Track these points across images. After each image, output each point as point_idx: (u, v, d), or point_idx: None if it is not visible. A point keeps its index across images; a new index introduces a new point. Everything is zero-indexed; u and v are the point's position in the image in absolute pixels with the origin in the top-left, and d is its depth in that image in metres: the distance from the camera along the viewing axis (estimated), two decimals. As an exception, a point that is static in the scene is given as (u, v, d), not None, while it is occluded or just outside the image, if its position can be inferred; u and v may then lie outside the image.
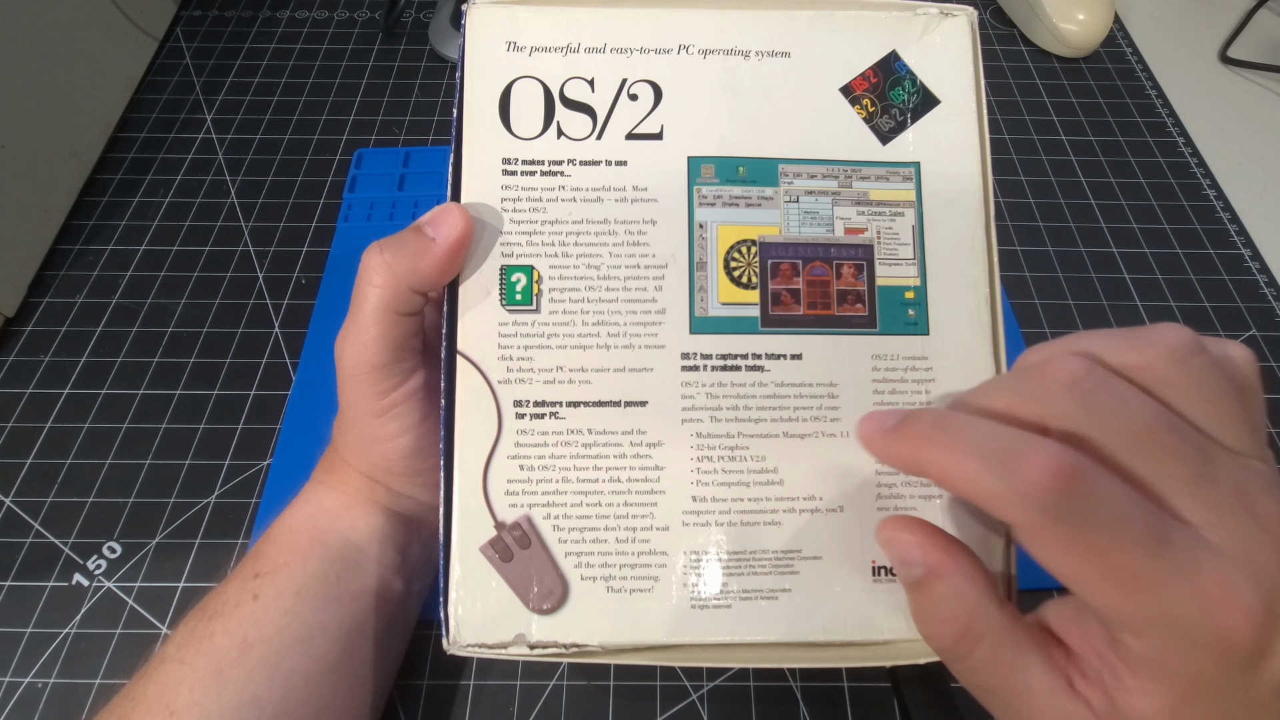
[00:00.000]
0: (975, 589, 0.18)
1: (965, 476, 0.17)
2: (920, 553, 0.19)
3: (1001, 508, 0.16)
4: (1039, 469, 0.15)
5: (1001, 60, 0.54)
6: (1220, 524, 0.16)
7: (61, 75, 0.44)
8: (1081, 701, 0.17)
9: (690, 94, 0.25)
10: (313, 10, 0.56)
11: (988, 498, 0.16)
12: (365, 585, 0.26)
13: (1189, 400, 0.17)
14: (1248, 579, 0.15)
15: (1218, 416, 0.17)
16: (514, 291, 0.24)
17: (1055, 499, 0.15)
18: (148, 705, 0.23)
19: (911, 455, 0.18)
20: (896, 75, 0.25)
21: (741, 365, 0.24)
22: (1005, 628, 0.18)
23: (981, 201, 0.25)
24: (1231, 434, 0.17)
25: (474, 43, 0.25)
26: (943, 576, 0.18)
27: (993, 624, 0.18)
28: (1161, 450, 0.16)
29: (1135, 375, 0.17)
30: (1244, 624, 0.15)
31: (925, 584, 0.19)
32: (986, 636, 0.18)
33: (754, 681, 0.31)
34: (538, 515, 0.23)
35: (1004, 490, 0.16)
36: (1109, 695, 0.16)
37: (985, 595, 0.18)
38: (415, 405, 0.25)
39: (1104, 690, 0.16)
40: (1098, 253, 0.44)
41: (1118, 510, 0.15)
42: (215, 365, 0.39)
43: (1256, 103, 0.52)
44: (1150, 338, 0.17)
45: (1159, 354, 0.17)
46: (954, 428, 0.17)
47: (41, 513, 0.35)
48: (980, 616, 0.18)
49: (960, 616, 0.18)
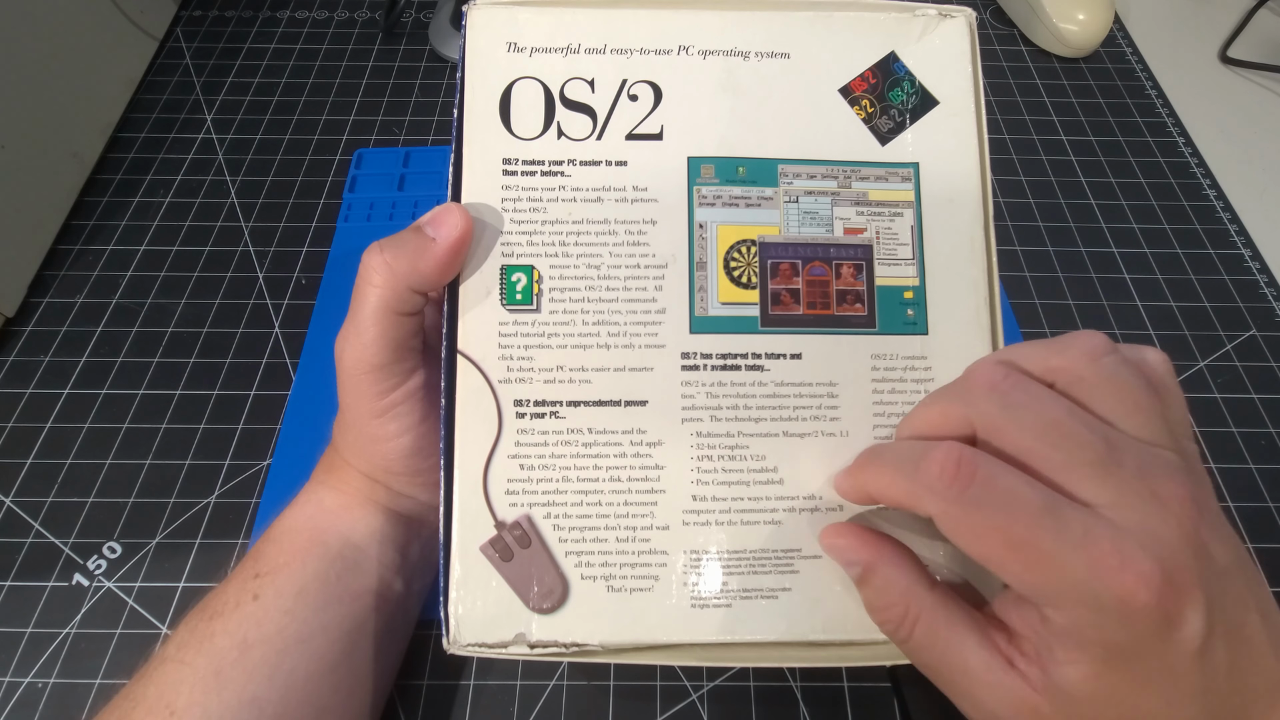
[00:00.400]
0: (904, 575, 0.20)
1: (890, 485, 0.20)
2: (854, 553, 0.21)
3: (919, 504, 0.19)
4: (937, 464, 0.18)
5: (1001, 60, 0.54)
6: (1121, 503, 0.17)
7: (61, 75, 0.44)
8: (1018, 675, 0.18)
9: (690, 94, 0.25)
10: (313, 10, 0.56)
11: (908, 498, 0.19)
12: (365, 585, 0.26)
13: (1100, 395, 0.19)
14: (1145, 549, 0.16)
15: (1126, 409, 0.19)
16: (514, 291, 0.24)
17: (954, 487, 0.18)
18: (148, 705, 0.23)
19: (856, 483, 0.22)
20: (895, 76, 0.25)
21: (741, 365, 0.24)
22: (938, 606, 0.20)
23: (980, 201, 0.25)
24: (1140, 425, 0.18)
25: (474, 43, 0.25)
26: (876, 569, 0.21)
27: (925, 604, 0.20)
28: (1068, 439, 0.18)
29: (1054, 377, 0.19)
30: (1143, 589, 0.16)
31: (865, 578, 0.21)
32: (922, 616, 0.20)
33: (754, 681, 0.31)
34: (538, 514, 0.23)
35: (915, 488, 0.19)
36: (1043, 668, 0.18)
37: (915, 580, 0.20)
38: (415, 405, 0.25)
39: (1039, 664, 0.18)
40: (1098, 253, 0.44)
41: (1012, 492, 0.17)
42: (215, 365, 0.39)
43: (1256, 103, 0.52)
44: (1067, 342, 0.20)
45: (1074, 356, 0.19)
46: (878, 451, 0.21)
47: (41, 513, 0.35)
48: (913, 599, 0.20)
49: (897, 602, 0.20)
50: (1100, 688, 0.17)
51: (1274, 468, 0.37)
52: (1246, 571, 0.18)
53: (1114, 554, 0.16)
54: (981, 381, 0.19)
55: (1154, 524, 0.17)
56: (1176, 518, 0.17)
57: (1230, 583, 0.18)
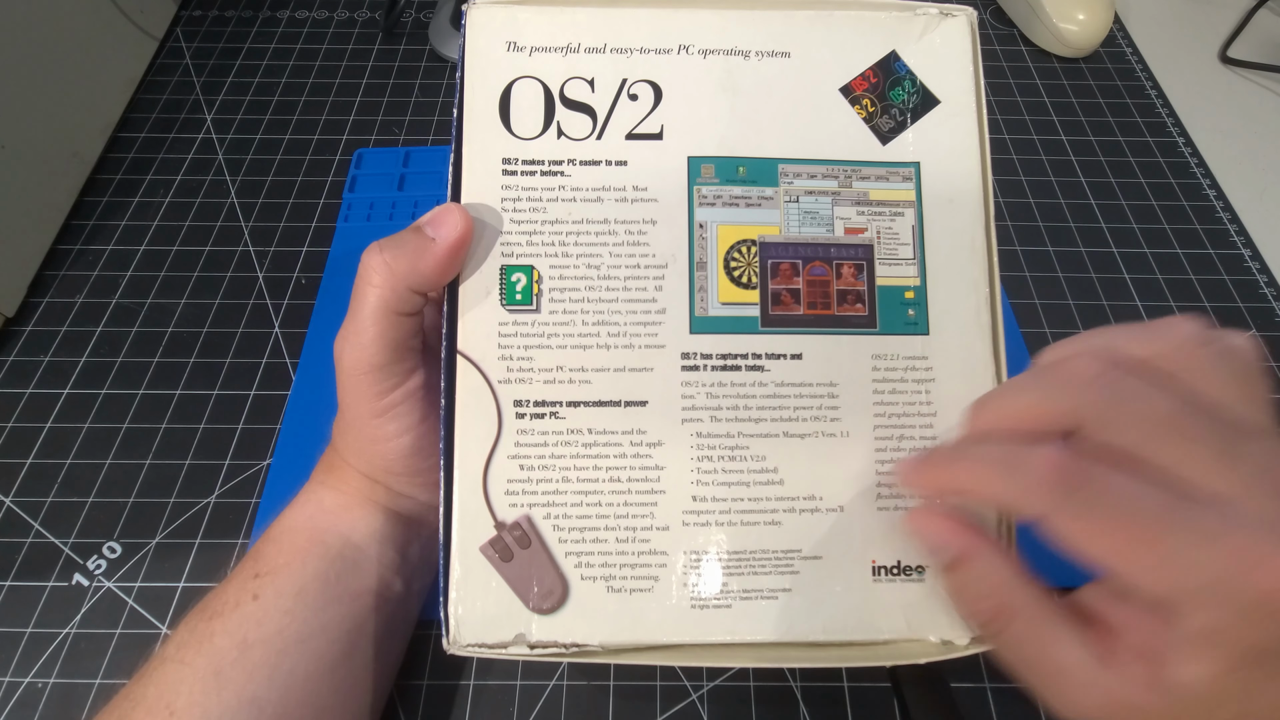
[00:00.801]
0: (1007, 566, 0.19)
1: (986, 484, 0.19)
2: (952, 537, 0.20)
3: (1023, 505, 0.18)
4: (1043, 463, 0.17)
5: (1001, 60, 0.54)
6: (1249, 497, 0.16)
7: (61, 75, 0.44)
8: (1117, 673, 0.17)
9: (690, 94, 0.25)
10: (313, 10, 0.56)
11: (1008, 498, 0.18)
12: (365, 585, 0.26)
13: (1209, 385, 0.18)
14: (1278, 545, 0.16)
15: (1236, 399, 0.18)
16: (514, 291, 0.24)
17: (1062, 486, 0.17)
18: (148, 705, 0.23)
19: (937, 479, 0.21)
20: (896, 75, 0.25)
21: (741, 365, 0.24)
22: (1038, 602, 0.19)
23: (981, 201, 0.25)
24: (1250, 414, 0.18)
25: (474, 43, 0.25)
26: (975, 558, 0.20)
27: (1026, 599, 0.19)
28: (1184, 435, 0.17)
29: (1154, 366, 0.18)
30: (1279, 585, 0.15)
31: (959, 566, 0.20)
32: (1022, 611, 0.19)
33: (754, 681, 0.31)
34: (538, 515, 0.23)
35: (1019, 488, 0.18)
36: (1152, 667, 0.17)
37: (1015, 574, 0.19)
38: (415, 405, 0.25)
39: (1146, 662, 0.17)
40: (1098, 253, 0.44)
41: (1131, 490, 0.17)
42: (215, 365, 0.39)
43: (1256, 103, 0.52)
44: (1163, 331, 0.19)
45: (1173, 345, 0.18)
46: (969, 449, 0.20)
47: (41, 513, 0.35)
48: (1013, 591, 0.19)
49: (995, 593, 0.19)
50: (1226, 686, 0.16)
51: None
52: None
53: (1252, 550, 0.16)
54: (1084, 373, 0.18)
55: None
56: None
57: None
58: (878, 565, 0.23)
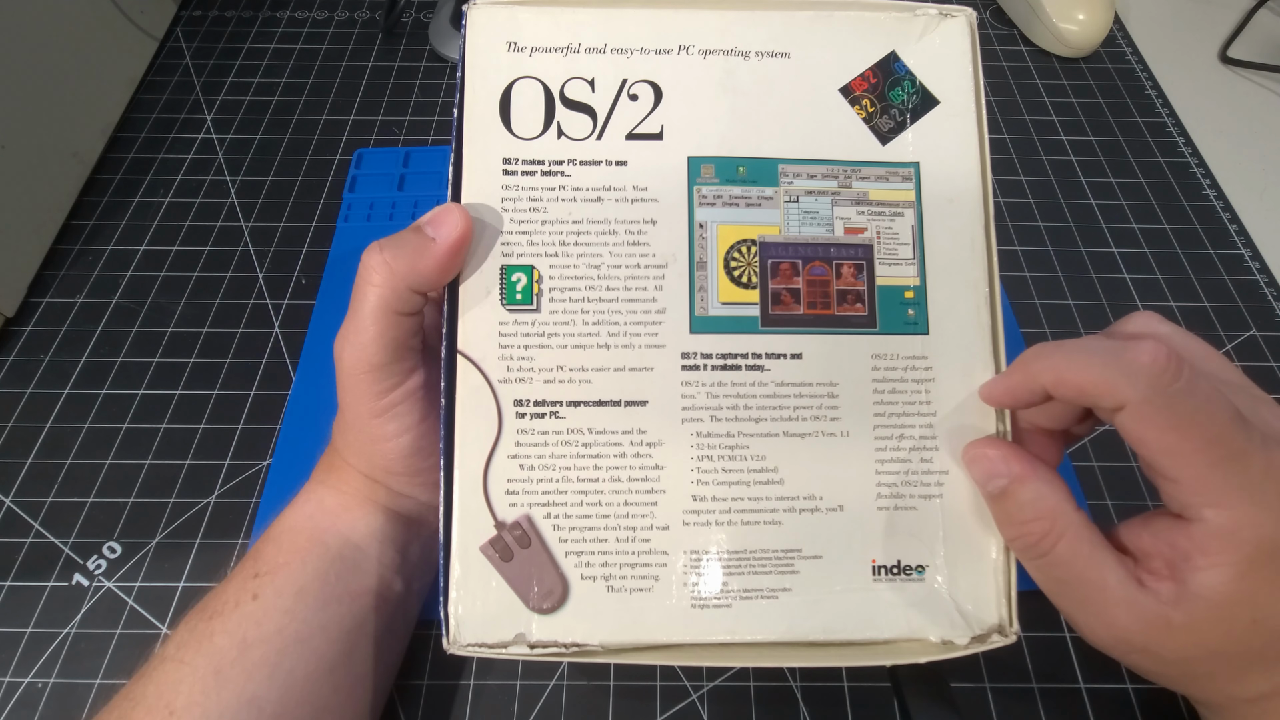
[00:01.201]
0: (1056, 491, 0.21)
1: (1082, 370, 0.20)
2: (1005, 465, 0.22)
3: (1118, 392, 0.19)
4: (1148, 353, 0.19)
5: (1001, 60, 0.54)
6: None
7: (61, 75, 0.44)
8: (1150, 593, 0.20)
9: (690, 94, 0.25)
10: (313, 10, 0.56)
11: (1101, 385, 0.19)
12: (365, 585, 0.26)
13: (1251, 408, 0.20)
14: None
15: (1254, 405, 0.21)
16: (514, 291, 0.24)
17: (1162, 376, 0.19)
18: (147, 705, 0.23)
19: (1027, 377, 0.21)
20: (896, 76, 0.25)
21: (741, 365, 0.24)
22: (1084, 524, 0.21)
23: (981, 201, 0.25)
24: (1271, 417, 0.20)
25: (474, 43, 0.25)
26: (1026, 482, 0.21)
27: (1072, 521, 0.21)
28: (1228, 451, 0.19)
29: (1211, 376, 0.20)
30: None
31: (1011, 491, 0.21)
32: (1068, 532, 0.20)
33: (754, 681, 0.31)
34: (538, 515, 0.23)
35: (1117, 374, 0.19)
36: (1177, 580, 0.19)
37: (1065, 498, 0.21)
38: (415, 405, 0.25)
39: (1172, 579, 0.19)
40: (1098, 253, 0.44)
41: (1209, 391, 0.19)
42: (215, 365, 0.39)
43: (1256, 103, 0.52)
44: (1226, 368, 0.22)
45: (1228, 378, 0.21)
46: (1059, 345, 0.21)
47: (41, 513, 0.35)
48: (1061, 514, 0.21)
49: (1045, 515, 0.21)
50: (1240, 589, 0.19)
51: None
52: None
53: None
54: (1155, 362, 0.19)
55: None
56: None
57: None
58: (878, 565, 0.23)
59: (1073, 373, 0.20)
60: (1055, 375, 0.21)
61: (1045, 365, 0.21)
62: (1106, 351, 0.20)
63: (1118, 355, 0.19)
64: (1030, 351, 0.21)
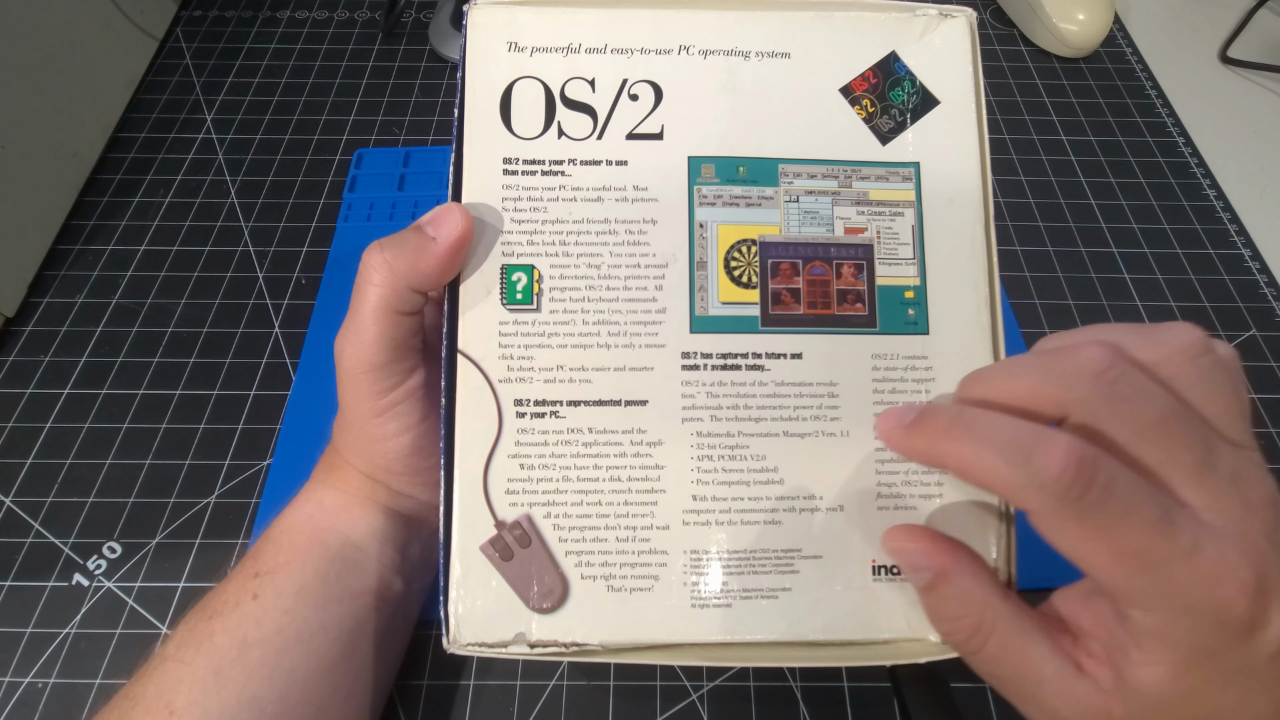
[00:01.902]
0: (980, 586, 0.20)
1: (985, 469, 0.18)
2: (926, 559, 0.20)
3: (1021, 497, 0.18)
4: (1057, 461, 0.17)
5: (1001, 60, 0.54)
6: (1217, 506, 0.17)
7: (61, 75, 0.44)
8: (1089, 680, 0.18)
9: (691, 94, 0.25)
10: (313, 10, 0.56)
11: (1007, 488, 0.18)
12: (365, 584, 0.26)
13: (1197, 395, 0.18)
14: (1243, 556, 0.17)
15: (1220, 411, 0.18)
16: (515, 291, 0.24)
17: (1072, 489, 0.17)
18: (147, 704, 0.23)
19: (931, 449, 0.20)
20: (896, 76, 0.25)
21: (742, 364, 0.24)
22: (1013, 618, 0.19)
23: (981, 201, 0.25)
24: (1231, 426, 0.19)
25: (475, 43, 0.25)
26: (949, 578, 0.20)
27: (1000, 616, 0.19)
28: (1171, 439, 0.18)
29: (1151, 369, 0.19)
30: (1240, 597, 0.17)
31: (935, 586, 0.20)
32: (996, 628, 0.19)
33: (754, 681, 0.31)
34: (538, 514, 0.23)
35: (1023, 481, 0.17)
36: (1115, 670, 0.18)
37: (991, 591, 0.20)
38: (415, 404, 0.25)
39: (1110, 666, 0.18)
40: (1098, 253, 0.44)
41: (1128, 496, 0.17)
42: (215, 365, 0.39)
43: (1256, 103, 0.52)
44: (1165, 335, 0.19)
45: (1172, 351, 0.19)
46: (971, 422, 0.19)
47: (41, 513, 0.35)
48: (988, 610, 0.19)
49: (970, 613, 0.20)
50: (1179, 688, 0.17)
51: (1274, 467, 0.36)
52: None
53: (1219, 563, 0.17)
54: (1087, 365, 0.18)
55: (1246, 529, 0.17)
56: (1263, 521, 0.17)
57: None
58: (878, 565, 0.23)
59: (975, 468, 0.18)
60: (960, 465, 0.19)
61: (944, 448, 0.19)
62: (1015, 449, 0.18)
63: (1027, 457, 0.17)
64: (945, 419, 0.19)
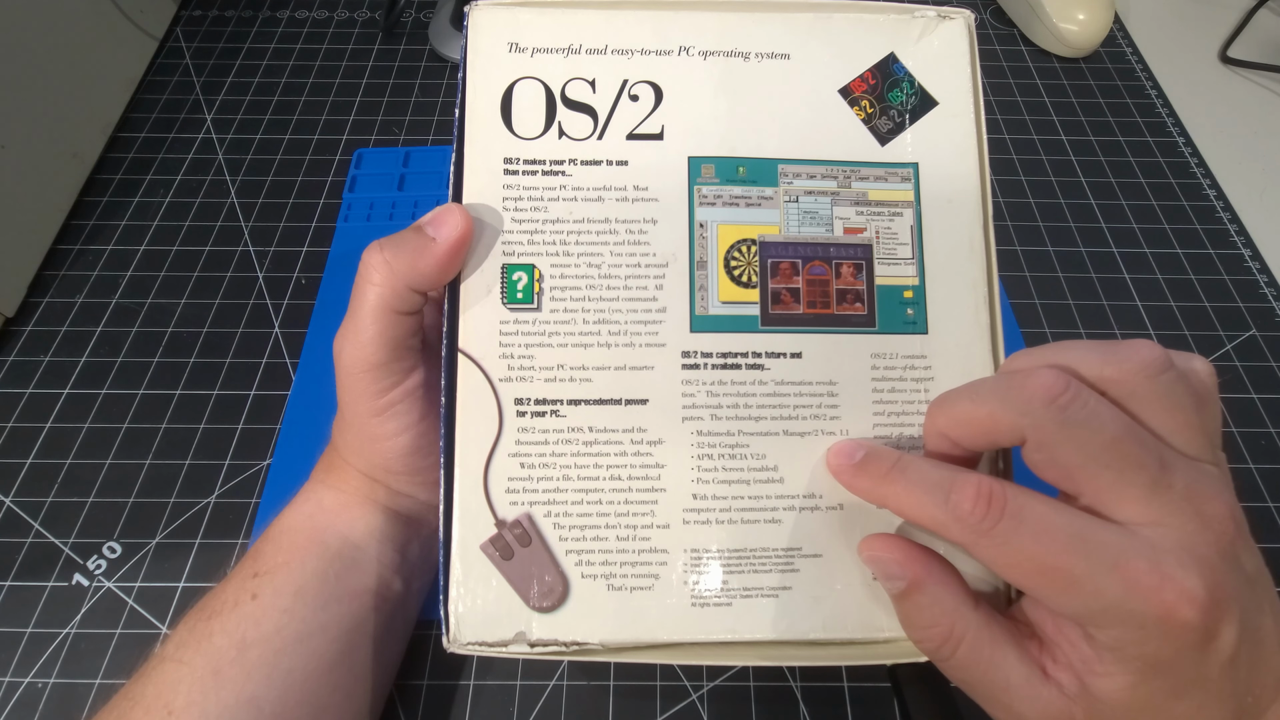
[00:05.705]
0: (951, 595, 0.20)
1: (917, 507, 0.20)
2: (900, 568, 0.21)
3: (948, 532, 0.19)
4: (969, 498, 0.19)
5: (1001, 60, 0.54)
6: (1167, 522, 0.18)
7: (61, 75, 0.44)
8: (1054, 686, 0.19)
9: (691, 95, 0.25)
10: (313, 10, 0.56)
11: (934, 525, 0.19)
12: (364, 584, 0.26)
13: (1155, 413, 0.19)
14: (1188, 568, 0.17)
15: (1179, 427, 0.19)
16: (515, 290, 0.24)
17: (984, 521, 0.18)
18: (146, 704, 0.23)
19: (874, 491, 0.21)
20: (895, 77, 0.25)
21: (742, 364, 0.24)
22: (983, 626, 0.20)
23: (980, 201, 0.25)
24: (1190, 442, 0.19)
25: (476, 43, 0.25)
26: (922, 587, 0.20)
27: (970, 624, 0.20)
28: (1124, 460, 0.18)
29: (1109, 388, 0.19)
30: (1186, 607, 0.17)
31: (908, 595, 0.21)
32: (966, 636, 0.20)
33: (754, 681, 0.31)
34: (538, 513, 0.23)
35: (946, 517, 0.19)
36: (1079, 678, 0.18)
37: (961, 599, 0.20)
38: (414, 404, 0.25)
39: (1074, 674, 0.19)
40: (1098, 253, 0.44)
41: (1041, 521, 0.18)
42: (215, 365, 0.39)
43: (1256, 103, 0.52)
44: (1125, 353, 0.19)
45: (1132, 369, 0.19)
46: (905, 468, 0.21)
47: (41, 513, 0.35)
48: (959, 619, 0.20)
49: (942, 621, 0.20)
50: (1136, 698, 0.18)
51: (1274, 468, 0.37)
52: (1265, 576, 0.19)
53: (1151, 573, 0.17)
54: (1040, 390, 0.19)
55: (1197, 542, 0.17)
56: (1217, 535, 0.18)
57: (1253, 589, 0.18)
58: (878, 564, 0.23)
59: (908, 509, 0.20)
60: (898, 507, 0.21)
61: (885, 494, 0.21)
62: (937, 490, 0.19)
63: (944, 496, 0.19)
64: (886, 464, 0.21)
